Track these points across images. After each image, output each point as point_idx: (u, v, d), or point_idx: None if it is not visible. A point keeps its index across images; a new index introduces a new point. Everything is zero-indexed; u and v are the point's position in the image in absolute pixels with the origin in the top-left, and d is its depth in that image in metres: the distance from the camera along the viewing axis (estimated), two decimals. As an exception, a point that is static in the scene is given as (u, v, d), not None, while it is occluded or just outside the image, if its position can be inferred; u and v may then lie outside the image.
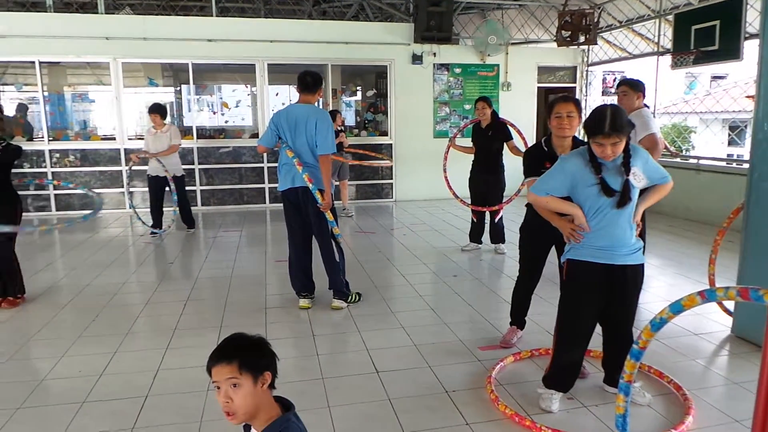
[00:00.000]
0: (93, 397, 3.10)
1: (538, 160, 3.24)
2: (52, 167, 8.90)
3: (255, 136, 9.67)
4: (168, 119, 7.64)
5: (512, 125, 6.01)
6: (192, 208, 7.84)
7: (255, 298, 4.81)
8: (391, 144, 10.00)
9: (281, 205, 4.46)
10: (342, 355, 3.75)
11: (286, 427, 1.49)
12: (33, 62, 8.77)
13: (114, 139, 9.14)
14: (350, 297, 4.53)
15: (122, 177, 9.04)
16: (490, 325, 4.16)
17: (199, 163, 9.32)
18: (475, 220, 6.39)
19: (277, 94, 10.33)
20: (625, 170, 2.55)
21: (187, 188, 9.22)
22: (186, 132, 9.89)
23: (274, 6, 12.41)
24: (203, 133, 10.00)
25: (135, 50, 8.87)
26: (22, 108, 9.62)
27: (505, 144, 5.94)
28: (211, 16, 9.59)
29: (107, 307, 4.61)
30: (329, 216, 4.25)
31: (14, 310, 4.55)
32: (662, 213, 8.07)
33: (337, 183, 8.56)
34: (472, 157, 6.23)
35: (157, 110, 7.19)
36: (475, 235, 6.42)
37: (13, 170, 4.64)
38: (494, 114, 5.99)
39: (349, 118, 11.17)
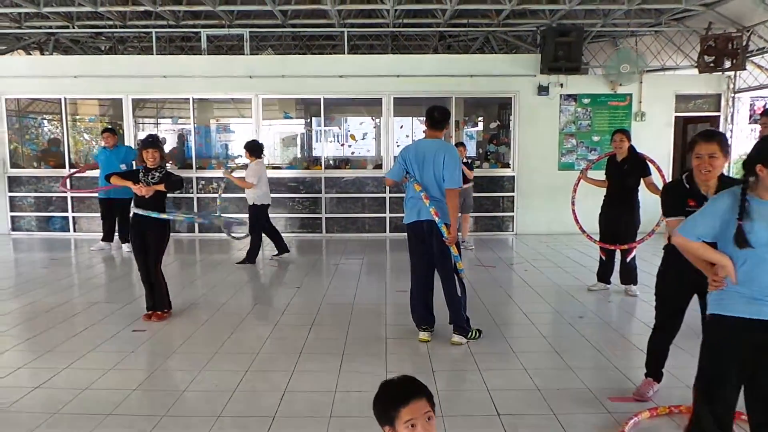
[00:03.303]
0: (227, 413, 3.32)
1: (679, 198, 3.00)
2: (197, 193, 9.81)
3: (378, 167, 9.98)
4: (261, 158, 7.95)
5: (652, 161, 5.65)
6: (316, 234, 8.27)
7: (375, 328, 4.90)
8: (513, 176, 9.82)
9: (402, 234, 4.56)
10: (461, 393, 3.69)
11: None
12: (188, 99, 9.82)
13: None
14: (470, 333, 4.46)
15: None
16: (621, 374, 3.88)
17: (326, 192, 9.78)
18: (603, 258, 6.04)
19: (401, 127, 10.62)
20: None
21: (312, 216, 9.77)
22: (314, 162, 10.47)
23: (402, 42, 12.85)
24: (330, 163, 10.49)
25: (274, 87, 9.60)
26: (180, 138, 10.80)
27: (642, 180, 5.60)
28: (343, 53, 10.13)
29: (241, 326, 4.94)
30: (454, 250, 4.25)
31: (162, 323, 5.03)
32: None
33: (459, 216, 8.54)
34: (603, 191, 5.93)
35: (246, 147, 7.79)
36: (604, 275, 6.05)
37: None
38: (632, 148, 5.67)
39: (471, 149, 11.16)
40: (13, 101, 10.07)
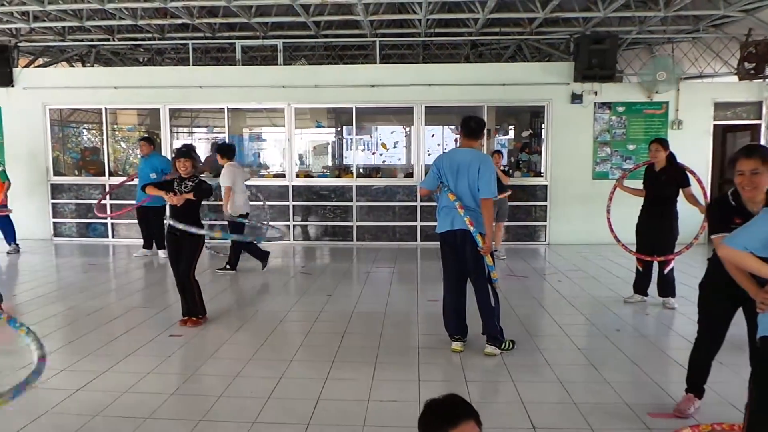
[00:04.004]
0: (262, 419, 3.35)
1: (725, 216, 2.90)
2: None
3: (409, 175, 9.99)
4: (233, 161, 7.36)
5: (692, 172, 5.52)
6: (347, 242, 8.31)
7: (407, 337, 4.89)
8: (546, 185, 9.71)
9: (432, 243, 4.56)
10: (495, 405, 3.65)
11: None
12: (222, 108, 10.02)
13: (284, 176, 10.02)
14: (504, 344, 4.41)
15: (289, 211, 9.85)
16: (660, 388, 3.78)
17: (357, 200, 9.83)
18: (640, 269, 5.91)
19: (432, 135, 10.62)
20: None
21: (343, 223, 9.84)
22: (345, 170, 10.55)
23: (433, 51, 12.87)
24: (360, 171, 10.54)
25: (307, 96, 9.73)
26: (214, 147, 11.01)
27: (681, 190, 5.47)
28: (375, 63, 10.21)
29: (274, 333, 4.99)
30: (489, 260, 4.22)
31: (197, 329, 5.11)
32: None
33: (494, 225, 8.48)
34: (640, 200, 5.82)
35: (217, 150, 7.42)
36: (641, 287, 5.92)
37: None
38: (671, 157, 5.54)
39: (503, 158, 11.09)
40: (56, 111, 10.43)
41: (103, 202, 9.24)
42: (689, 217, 5.78)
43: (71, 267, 8.30)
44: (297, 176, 10.02)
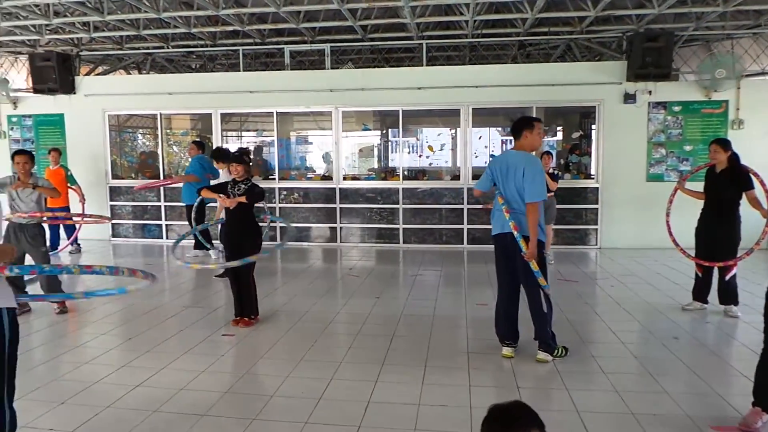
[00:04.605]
0: (313, 419, 3.39)
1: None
2: (280, 203, 10.15)
3: (456, 177, 9.92)
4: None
5: (756, 174, 5.24)
6: (393, 245, 8.26)
7: (456, 341, 4.85)
8: (597, 188, 9.46)
9: (479, 246, 4.49)
10: (549, 413, 3.54)
11: None
12: (271, 113, 10.21)
13: (330, 178, 10.12)
14: (557, 350, 4.31)
15: (336, 214, 9.94)
16: (723, 400, 3.62)
17: (403, 203, 9.83)
18: (700, 275, 5.67)
19: (479, 137, 10.52)
20: None
21: (390, 226, 9.88)
22: (391, 173, 10.57)
23: (480, 52, 12.75)
24: (405, 173, 10.53)
25: (354, 100, 9.80)
26: (259, 150, 11.24)
27: (743, 193, 5.23)
28: (421, 65, 10.19)
29: (323, 334, 5.04)
30: (534, 266, 4.10)
31: (249, 329, 5.21)
32: None
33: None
34: (700, 203, 5.59)
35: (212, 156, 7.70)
36: (700, 293, 5.68)
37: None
38: (733, 159, 5.30)
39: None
40: (113, 117, 10.86)
41: (144, 185, 9.54)
42: (752, 222, 5.52)
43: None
44: (344, 179, 10.10)
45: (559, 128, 11.74)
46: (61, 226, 9.20)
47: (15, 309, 2.63)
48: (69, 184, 9.05)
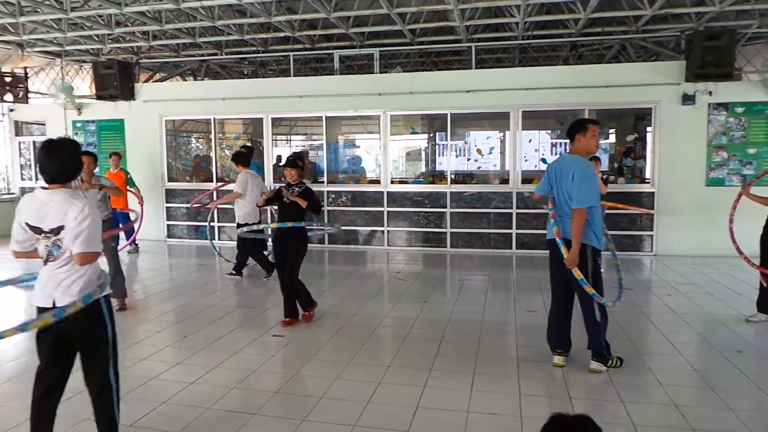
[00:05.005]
0: (362, 423, 3.40)
1: None
2: (328, 206, 10.26)
3: (504, 181, 9.78)
4: (249, 168, 7.72)
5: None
6: (441, 249, 8.18)
7: (506, 348, 4.78)
8: (653, 192, 9.13)
9: (529, 251, 4.40)
10: (603, 426, 3.42)
11: None
12: (320, 117, 10.35)
13: (378, 182, 10.16)
14: (611, 361, 4.17)
15: (383, 217, 9.97)
16: (793, 419, 3.42)
17: (451, 207, 9.76)
18: (765, 285, 5.39)
19: (530, 141, 10.34)
20: None
21: (437, 230, 9.82)
22: (438, 176, 10.51)
23: (531, 54, 12.55)
24: (452, 177, 10.47)
25: (402, 103, 9.82)
26: (305, 154, 11.41)
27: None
28: (470, 68, 10.11)
29: (372, 337, 5.06)
30: (576, 273, 3.96)
31: (299, 329, 5.29)
32: None
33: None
34: (765, 209, 5.31)
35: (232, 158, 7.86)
36: (766, 305, 5.40)
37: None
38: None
39: (603, 163, 10.57)
40: (169, 122, 11.26)
41: (198, 203, 9.87)
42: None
43: (183, 267, 8.90)
44: (392, 182, 10.12)
45: (612, 131, 11.40)
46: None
47: (109, 296, 2.99)
48: (128, 187, 9.43)
